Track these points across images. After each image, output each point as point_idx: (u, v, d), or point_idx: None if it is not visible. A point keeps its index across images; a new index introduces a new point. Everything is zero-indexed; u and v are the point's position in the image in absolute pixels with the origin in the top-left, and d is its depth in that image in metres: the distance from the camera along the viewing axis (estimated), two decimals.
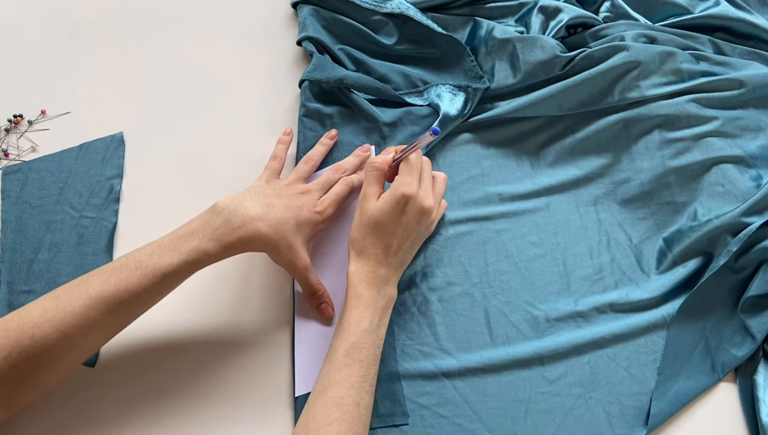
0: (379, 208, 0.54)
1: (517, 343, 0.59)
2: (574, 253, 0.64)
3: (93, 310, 0.48)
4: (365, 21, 0.73)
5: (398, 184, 0.54)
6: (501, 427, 0.56)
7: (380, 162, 0.57)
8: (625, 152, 0.67)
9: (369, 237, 0.55)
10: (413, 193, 0.54)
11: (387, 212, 0.54)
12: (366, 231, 0.55)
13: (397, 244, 0.55)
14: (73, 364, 0.51)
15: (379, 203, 0.55)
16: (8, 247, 0.63)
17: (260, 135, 0.70)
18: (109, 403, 0.57)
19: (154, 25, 0.77)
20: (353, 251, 0.55)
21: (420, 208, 0.55)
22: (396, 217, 0.54)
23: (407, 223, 0.55)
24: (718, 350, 0.59)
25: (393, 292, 0.56)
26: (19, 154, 0.69)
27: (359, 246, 0.55)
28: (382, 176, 0.57)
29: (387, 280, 0.55)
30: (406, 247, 0.56)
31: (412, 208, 0.54)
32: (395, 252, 0.55)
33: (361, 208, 0.56)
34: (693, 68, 0.69)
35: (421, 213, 0.55)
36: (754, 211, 0.62)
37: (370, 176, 0.56)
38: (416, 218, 0.55)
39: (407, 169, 0.55)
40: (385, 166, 0.57)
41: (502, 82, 0.70)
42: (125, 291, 0.49)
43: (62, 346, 0.48)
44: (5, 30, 0.77)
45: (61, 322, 0.48)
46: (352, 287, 0.54)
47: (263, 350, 0.59)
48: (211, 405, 0.57)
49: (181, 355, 0.59)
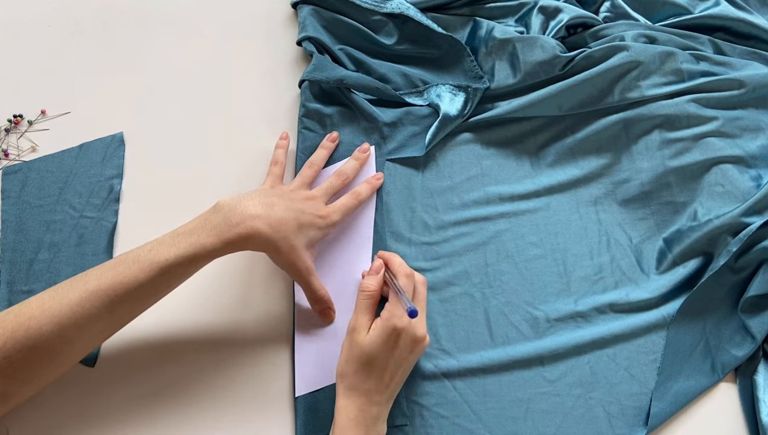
0: (370, 343, 0.51)
1: (517, 343, 0.59)
2: (574, 254, 0.64)
3: (89, 303, 0.48)
4: (365, 21, 0.73)
5: (389, 315, 0.51)
6: (501, 428, 0.56)
7: (374, 288, 0.54)
8: (625, 152, 0.67)
9: (360, 372, 0.51)
10: (405, 326, 0.51)
11: (379, 346, 0.51)
12: (356, 366, 0.51)
13: (389, 377, 0.52)
14: (69, 359, 0.50)
15: (370, 337, 0.51)
16: (8, 247, 0.63)
17: (260, 135, 0.70)
18: (109, 403, 0.57)
19: (154, 25, 0.77)
20: (342, 386, 0.52)
21: (413, 339, 0.52)
22: (388, 350, 0.51)
23: (399, 355, 0.52)
24: (718, 350, 0.59)
25: (383, 429, 0.52)
26: (19, 154, 0.69)
27: (349, 381, 0.51)
28: (375, 305, 0.54)
29: (377, 419, 0.51)
30: (398, 378, 0.53)
31: (405, 340, 0.52)
32: (387, 385, 0.52)
33: (350, 340, 0.52)
34: (693, 68, 0.69)
35: (414, 343, 0.52)
36: (754, 211, 0.62)
37: (362, 305, 0.53)
38: (409, 349, 0.52)
39: (396, 296, 0.53)
40: (378, 293, 0.54)
41: (502, 82, 0.70)
42: (122, 284, 0.49)
43: (57, 338, 0.48)
44: (5, 30, 0.77)
45: (57, 314, 0.48)
46: (340, 429, 0.50)
47: (263, 350, 0.59)
48: (211, 405, 0.57)
49: (182, 356, 0.59)
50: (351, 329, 0.53)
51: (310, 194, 0.60)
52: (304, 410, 0.56)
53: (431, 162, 0.68)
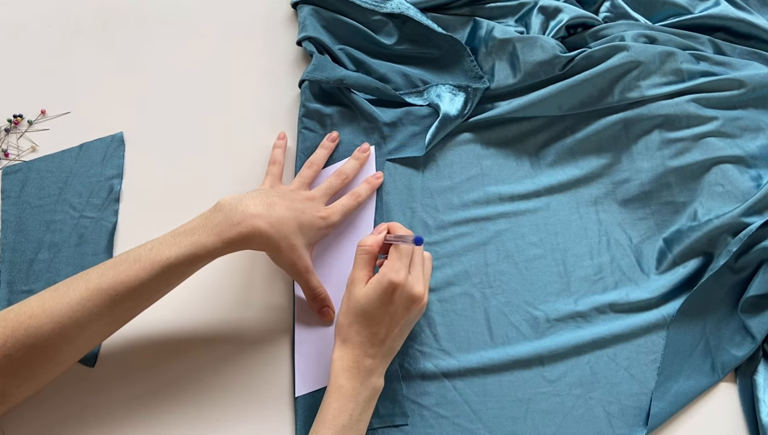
0: (366, 296, 0.51)
1: (517, 343, 0.59)
2: (574, 254, 0.64)
3: (90, 302, 0.48)
4: (365, 21, 0.73)
5: (386, 270, 0.52)
6: (501, 428, 0.56)
7: (371, 244, 0.54)
8: (625, 152, 0.67)
9: (355, 325, 0.52)
10: (401, 281, 0.51)
11: (374, 300, 0.51)
12: (352, 318, 0.52)
13: (385, 333, 0.52)
14: (68, 358, 0.51)
15: (366, 290, 0.52)
16: (8, 247, 0.64)
17: (260, 135, 0.70)
18: (109, 403, 0.57)
19: (154, 25, 0.77)
20: (338, 337, 0.53)
21: (409, 296, 0.52)
22: (383, 305, 0.51)
23: (395, 311, 0.52)
24: (718, 350, 0.59)
25: (379, 382, 0.52)
26: (19, 154, 0.69)
27: (344, 333, 0.52)
28: (372, 260, 0.54)
29: (372, 371, 0.52)
30: (394, 335, 0.53)
31: (401, 296, 0.52)
32: (382, 341, 0.52)
33: (348, 293, 0.53)
34: (693, 68, 0.69)
35: (410, 300, 0.52)
36: (754, 211, 0.62)
37: (359, 259, 0.54)
38: (405, 306, 0.52)
39: (396, 253, 0.53)
40: (376, 249, 0.54)
41: (502, 82, 0.70)
42: (123, 283, 0.49)
43: (57, 337, 0.48)
44: (5, 30, 0.77)
45: (58, 313, 0.48)
46: (334, 376, 0.51)
47: (263, 350, 0.59)
48: (211, 405, 0.57)
49: (182, 355, 0.59)
50: (348, 283, 0.54)
51: (309, 195, 0.60)
52: (304, 410, 0.56)
53: (431, 162, 0.68)
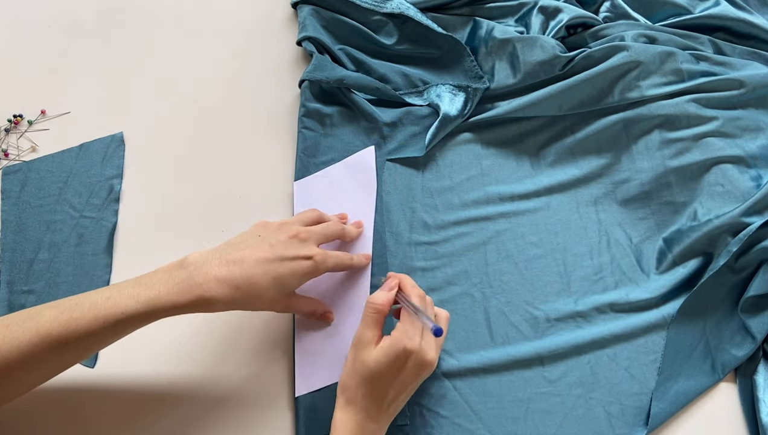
0: (376, 360, 0.48)
1: (518, 343, 0.59)
2: (574, 253, 0.64)
3: (38, 347, 0.47)
4: (365, 21, 0.73)
5: (400, 335, 0.49)
6: (501, 428, 0.56)
7: (382, 302, 0.51)
8: (625, 152, 0.67)
9: (362, 388, 0.49)
10: (416, 348, 0.48)
11: (384, 365, 0.48)
12: (359, 380, 0.49)
13: (392, 398, 0.50)
14: (11, 395, 0.50)
15: (377, 354, 0.49)
16: (8, 247, 0.64)
17: (260, 135, 0.70)
18: (109, 403, 0.57)
19: (154, 25, 0.77)
20: (342, 398, 0.50)
21: (422, 363, 0.49)
22: (393, 371, 0.49)
23: (405, 377, 0.49)
24: (718, 350, 0.59)
25: None
26: (19, 154, 0.69)
27: (349, 394, 0.50)
28: (382, 319, 0.51)
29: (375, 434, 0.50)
30: (400, 399, 0.50)
31: (413, 363, 0.49)
32: (389, 405, 0.50)
33: (355, 353, 0.50)
34: (693, 68, 0.69)
35: (422, 367, 0.49)
36: (754, 211, 0.62)
37: (369, 318, 0.50)
38: (416, 372, 0.50)
39: (410, 317, 0.50)
40: (387, 308, 0.51)
41: (502, 82, 0.70)
42: (73, 332, 0.47)
43: (2, 375, 0.47)
44: (5, 30, 0.77)
45: (7, 354, 0.47)
46: None
47: (263, 350, 0.59)
48: (211, 405, 0.57)
49: (181, 355, 0.59)
50: (356, 342, 0.50)
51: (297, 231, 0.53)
52: (304, 410, 0.56)
53: (431, 162, 0.68)
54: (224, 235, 0.64)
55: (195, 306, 0.49)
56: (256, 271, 0.49)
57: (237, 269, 0.49)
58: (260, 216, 0.65)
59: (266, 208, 0.66)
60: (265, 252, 0.50)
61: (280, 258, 0.51)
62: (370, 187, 0.65)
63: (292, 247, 0.52)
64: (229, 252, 0.50)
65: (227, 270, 0.49)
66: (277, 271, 0.50)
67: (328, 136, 0.69)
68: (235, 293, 0.49)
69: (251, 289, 0.49)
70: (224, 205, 0.66)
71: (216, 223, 0.65)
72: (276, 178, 0.68)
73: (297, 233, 0.53)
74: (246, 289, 0.49)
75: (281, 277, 0.50)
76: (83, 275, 0.62)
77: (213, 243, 0.64)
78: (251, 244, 0.51)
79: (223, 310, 0.50)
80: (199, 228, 0.65)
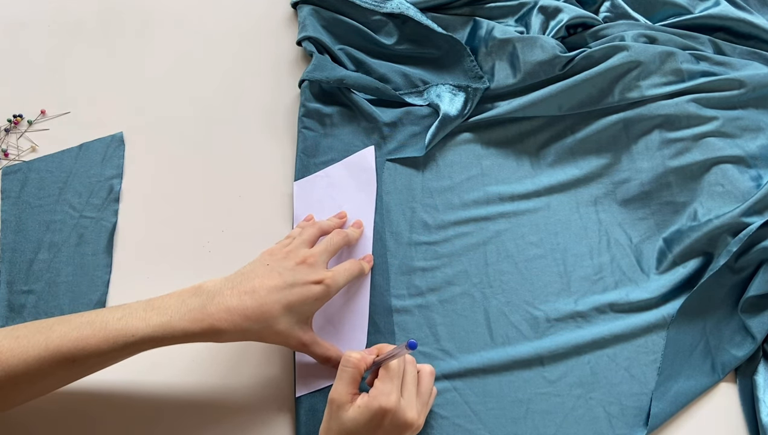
0: (352, 420, 0.47)
1: (518, 343, 0.59)
2: (574, 253, 0.64)
3: (46, 362, 0.47)
4: (365, 21, 0.73)
5: (376, 393, 0.47)
6: (501, 428, 0.56)
7: (357, 359, 0.49)
8: (625, 152, 0.67)
9: None
10: (392, 407, 0.47)
11: (360, 425, 0.47)
12: None
13: None
14: (13, 404, 0.50)
15: (352, 413, 0.47)
16: (8, 247, 0.64)
17: (260, 135, 0.70)
18: (109, 403, 0.57)
19: (154, 25, 0.77)
20: None
21: (401, 423, 0.47)
22: (369, 430, 0.47)
23: None
24: (718, 350, 0.59)
25: None
26: (19, 154, 0.69)
27: None
28: (358, 376, 0.49)
29: None
30: None
31: (391, 422, 0.47)
32: None
33: (331, 411, 0.48)
34: (693, 68, 0.69)
35: (402, 427, 0.48)
36: (754, 211, 0.62)
37: (344, 374, 0.49)
38: (396, 432, 0.48)
39: (387, 373, 0.48)
40: (362, 366, 0.50)
41: (502, 82, 0.70)
42: (82, 350, 0.47)
43: (7, 385, 0.47)
44: (6, 30, 0.77)
45: (14, 367, 0.47)
46: None
47: (264, 350, 0.59)
48: (211, 405, 0.57)
49: (181, 355, 0.59)
50: (331, 399, 0.49)
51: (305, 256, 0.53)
52: (304, 410, 0.56)
53: (431, 162, 0.68)
54: (224, 235, 0.65)
55: (205, 335, 0.48)
56: (266, 300, 0.49)
57: (248, 299, 0.49)
58: (260, 216, 0.66)
59: (266, 208, 0.66)
60: (275, 280, 0.50)
61: (291, 285, 0.51)
62: (370, 187, 0.65)
63: (302, 273, 0.52)
64: (240, 282, 0.50)
65: (239, 300, 0.49)
66: (288, 299, 0.50)
67: (328, 136, 0.69)
68: (245, 323, 0.49)
69: (262, 318, 0.49)
70: (224, 205, 0.66)
71: (216, 223, 0.65)
72: (276, 178, 0.68)
73: (305, 259, 0.53)
74: (256, 319, 0.49)
75: (292, 304, 0.50)
76: (83, 275, 0.62)
77: (213, 243, 0.64)
78: (261, 274, 0.51)
79: (234, 341, 0.50)
80: (199, 228, 0.65)
